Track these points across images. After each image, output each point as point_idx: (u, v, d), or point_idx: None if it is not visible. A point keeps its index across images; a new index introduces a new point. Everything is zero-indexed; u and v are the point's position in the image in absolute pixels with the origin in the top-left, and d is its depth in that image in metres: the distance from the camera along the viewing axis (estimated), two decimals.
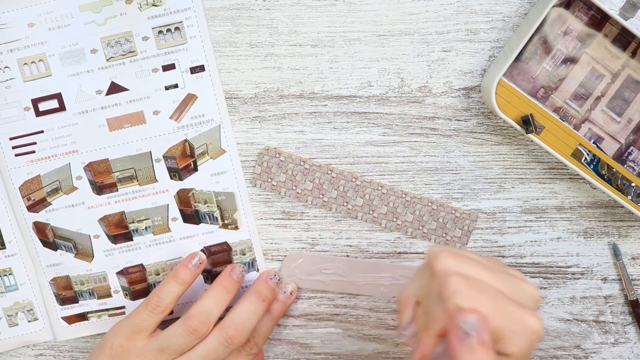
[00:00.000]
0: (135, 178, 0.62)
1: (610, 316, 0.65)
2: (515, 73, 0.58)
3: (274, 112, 0.61)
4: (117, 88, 0.60)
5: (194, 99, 0.60)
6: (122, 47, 0.59)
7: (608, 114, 0.59)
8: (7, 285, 0.63)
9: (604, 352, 0.65)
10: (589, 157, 0.59)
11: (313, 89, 0.61)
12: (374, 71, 0.60)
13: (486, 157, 0.62)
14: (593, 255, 0.64)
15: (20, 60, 0.59)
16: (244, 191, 0.62)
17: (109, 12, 0.59)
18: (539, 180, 0.62)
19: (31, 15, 0.58)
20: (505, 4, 0.59)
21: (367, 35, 0.60)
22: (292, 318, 0.65)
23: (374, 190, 0.62)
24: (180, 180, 0.62)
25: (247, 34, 0.60)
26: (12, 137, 0.61)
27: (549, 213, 0.63)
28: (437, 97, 0.61)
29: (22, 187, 0.61)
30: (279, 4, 0.59)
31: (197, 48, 0.60)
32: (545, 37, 0.57)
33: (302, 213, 0.63)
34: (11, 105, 0.60)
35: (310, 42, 0.60)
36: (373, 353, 0.65)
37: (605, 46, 0.58)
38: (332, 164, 0.62)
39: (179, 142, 0.61)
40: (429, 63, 0.60)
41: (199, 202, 0.62)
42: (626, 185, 0.59)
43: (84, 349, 0.65)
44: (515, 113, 0.58)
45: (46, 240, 0.62)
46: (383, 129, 0.61)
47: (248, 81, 0.61)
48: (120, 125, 0.61)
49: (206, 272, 0.63)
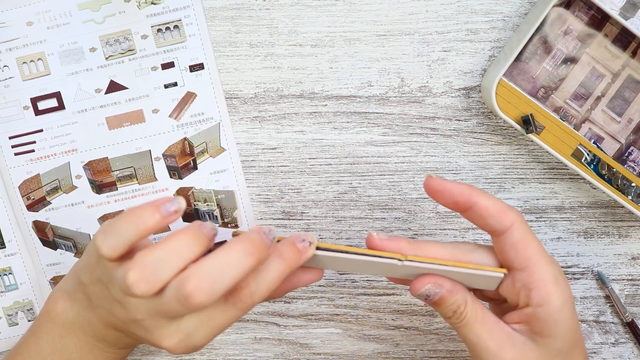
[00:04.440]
0: (134, 177, 0.62)
1: (611, 316, 0.65)
2: (516, 73, 0.58)
3: (274, 112, 0.61)
4: (116, 86, 0.60)
5: (193, 97, 0.60)
6: (121, 45, 0.59)
7: (608, 114, 0.59)
8: (7, 284, 0.63)
9: (604, 352, 0.65)
10: (589, 157, 0.58)
11: (313, 89, 0.61)
12: (374, 71, 0.60)
13: (486, 157, 0.62)
14: (593, 255, 0.64)
15: (19, 59, 0.59)
16: (244, 190, 0.62)
17: (107, 11, 0.59)
18: (539, 180, 0.62)
19: (30, 13, 0.58)
20: (506, 4, 0.59)
21: (367, 35, 0.60)
22: (292, 318, 0.65)
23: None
24: (179, 178, 0.62)
25: (247, 33, 0.60)
26: (11, 136, 0.60)
27: (549, 213, 0.63)
28: (437, 97, 0.61)
29: (22, 186, 0.61)
30: (279, 4, 0.59)
31: (196, 46, 0.60)
32: (545, 37, 0.57)
33: (302, 213, 0.63)
34: (10, 104, 0.60)
35: (310, 42, 0.60)
36: (373, 353, 0.65)
37: (605, 46, 0.58)
38: (333, 163, 0.62)
39: (178, 141, 0.61)
40: (429, 63, 0.60)
41: (199, 200, 0.62)
42: (626, 185, 0.59)
43: None
44: (516, 113, 0.58)
45: (46, 240, 0.62)
46: (383, 129, 0.61)
47: (248, 81, 0.61)
48: (119, 124, 0.60)
49: None
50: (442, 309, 0.49)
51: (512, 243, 0.48)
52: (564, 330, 0.48)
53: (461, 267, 0.48)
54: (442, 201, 0.49)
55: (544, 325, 0.48)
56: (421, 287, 0.48)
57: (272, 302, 0.64)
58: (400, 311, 0.65)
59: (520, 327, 0.49)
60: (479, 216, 0.49)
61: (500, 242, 0.49)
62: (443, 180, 0.49)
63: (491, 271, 0.48)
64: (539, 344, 0.48)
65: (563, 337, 0.48)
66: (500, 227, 0.48)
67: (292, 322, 0.65)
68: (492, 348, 0.48)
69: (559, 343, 0.48)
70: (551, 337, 0.48)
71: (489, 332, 0.49)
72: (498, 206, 0.48)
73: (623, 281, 0.64)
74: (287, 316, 0.65)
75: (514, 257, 0.48)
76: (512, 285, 0.49)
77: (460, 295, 0.49)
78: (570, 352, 0.49)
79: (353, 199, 0.63)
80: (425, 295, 0.49)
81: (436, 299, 0.49)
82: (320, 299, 0.64)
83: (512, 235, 0.48)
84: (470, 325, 0.49)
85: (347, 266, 0.51)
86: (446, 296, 0.48)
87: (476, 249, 0.50)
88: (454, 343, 0.65)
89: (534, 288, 0.48)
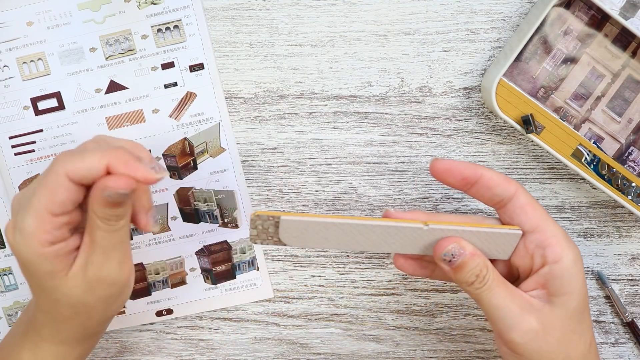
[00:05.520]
0: None
1: (611, 316, 0.65)
2: (516, 73, 0.57)
3: (274, 112, 0.61)
4: (116, 86, 0.60)
5: (193, 97, 0.60)
6: (121, 45, 0.59)
7: (608, 114, 0.59)
8: (7, 284, 0.63)
9: (604, 352, 0.65)
10: (589, 157, 0.58)
11: (313, 89, 0.61)
12: (374, 71, 0.60)
13: (486, 157, 0.62)
14: (593, 255, 0.64)
15: (19, 59, 0.59)
16: (244, 190, 0.62)
17: (107, 11, 0.59)
18: (539, 180, 0.62)
19: (30, 14, 0.58)
20: (506, 4, 0.59)
21: (367, 35, 0.60)
22: (292, 318, 0.65)
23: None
24: (179, 178, 0.62)
25: (247, 33, 0.60)
26: (11, 136, 0.60)
27: (549, 213, 0.63)
28: (437, 97, 0.61)
29: (22, 186, 0.61)
30: (279, 4, 0.59)
31: (196, 46, 0.60)
32: (545, 37, 0.57)
33: (302, 213, 0.63)
34: (10, 104, 0.60)
35: (310, 42, 0.60)
36: (373, 353, 0.65)
37: (605, 46, 0.58)
38: (333, 163, 0.62)
39: (178, 141, 0.61)
40: (429, 63, 0.60)
41: (199, 200, 0.62)
42: (626, 185, 0.59)
43: None
44: (516, 113, 0.58)
45: None
46: (383, 129, 0.61)
47: (248, 81, 0.61)
48: (119, 124, 0.60)
49: (206, 272, 0.63)
50: (464, 274, 0.50)
51: (520, 206, 0.51)
52: (578, 286, 0.50)
53: (483, 227, 0.50)
54: (451, 179, 0.52)
55: (561, 282, 0.49)
56: (446, 245, 0.50)
57: (272, 302, 0.64)
58: (400, 311, 0.65)
59: (537, 293, 0.51)
60: (486, 187, 0.51)
61: (508, 211, 0.51)
62: (448, 160, 0.52)
63: (509, 229, 0.50)
64: (557, 305, 0.50)
65: (579, 292, 0.50)
66: (507, 194, 0.51)
67: (292, 322, 0.65)
68: (517, 310, 0.49)
69: (575, 300, 0.50)
70: (568, 294, 0.50)
71: (512, 296, 0.50)
72: (501, 176, 0.51)
73: (623, 281, 0.64)
74: (287, 316, 0.65)
75: (524, 219, 0.51)
76: (525, 250, 0.51)
77: (481, 259, 0.50)
78: (583, 312, 0.51)
79: (353, 199, 0.63)
80: (450, 254, 0.50)
81: (459, 262, 0.50)
82: (320, 299, 0.64)
83: (519, 199, 0.51)
84: (493, 289, 0.50)
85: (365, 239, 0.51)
86: (469, 259, 0.50)
87: (486, 219, 0.53)
88: (454, 343, 0.65)
89: (549, 245, 0.50)
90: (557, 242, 0.50)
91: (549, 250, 0.50)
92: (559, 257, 0.50)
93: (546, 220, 0.51)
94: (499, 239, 0.51)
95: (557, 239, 0.50)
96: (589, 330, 0.52)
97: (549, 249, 0.50)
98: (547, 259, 0.50)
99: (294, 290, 0.64)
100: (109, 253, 0.49)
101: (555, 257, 0.50)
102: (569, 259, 0.50)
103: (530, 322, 0.49)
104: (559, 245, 0.50)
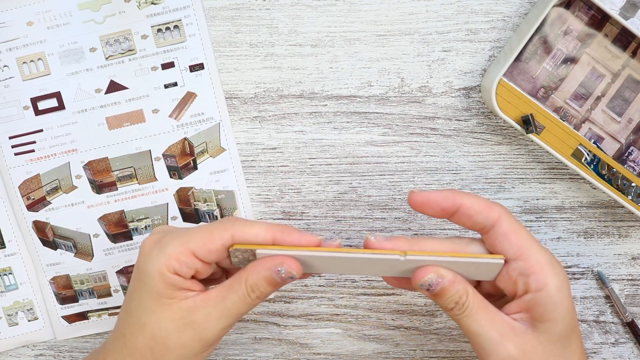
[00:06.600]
0: (134, 177, 0.62)
1: (611, 316, 0.65)
2: (516, 73, 0.58)
3: (274, 112, 0.61)
4: (116, 86, 0.60)
5: (193, 97, 0.60)
6: (121, 45, 0.59)
7: (608, 114, 0.59)
8: (7, 284, 0.63)
9: (604, 352, 0.65)
10: (589, 157, 0.58)
11: (313, 89, 0.61)
12: (374, 71, 0.60)
13: (486, 157, 0.62)
14: (593, 255, 0.64)
15: (19, 59, 0.59)
16: (244, 190, 0.62)
17: (107, 11, 0.59)
18: (539, 180, 0.62)
19: (30, 13, 0.58)
20: (506, 4, 0.59)
21: (367, 35, 0.60)
22: (292, 318, 0.65)
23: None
24: (179, 178, 0.62)
25: (247, 33, 0.60)
26: (11, 136, 0.60)
27: (549, 213, 0.63)
28: (437, 97, 0.61)
29: (22, 186, 0.61)
30: (279, 4, 0.59)
31: (196, 46, 0.60)
32: (545, 37, 0.57)
33: (302, 213, 0.63)
34: (10, 104, 0.60)
35: (310, 42, 0.60)
36: (373, 353, 0.65)
37: (605, 46, 0.58)
38: (333, 163, 0.62)
39: (178, 141, 0.61)
40: (429, 63, 0.60)
41: (199, 200, 0.62)
42: (626, 185, 0.59)
43: (84, 349, 0.65)
44: (516, 113, 0.58)
45: (46, 240, 0.62)
46: (383, 129, 0.61)
47: (248, 81, 0.61)
48: (119, 124, 0.60)
49: None
50: (444, 300, 0.50)
51: (503, 234, 0.49)
52: (563, 313, 0.49)
53: (462, 257, 0.49)
54: (430, 212, 0.50)
55: (544, 309, 0.49)
56: (424, 276, 0.49)
57: (272, 302, 0.65)
58: (400, 311, 0.65)
59: (520, 316, 0.50)
60: (467, 216, 0.50)
61: (490, 237, 0.50)
62: (425, 191, 0.50)
63: (491, 258, 0.49)
64: (540, 331, 0.49)
65: (563, 319, 0.49)
66: (488, 221, 0.49)
67: (292, 322, 0.65)
68: (495, 337, 0.49)
69: (559, 326, 0.49)
70: (551, 320, 0.49)
71: (491, 322, 0.49)
72: (482, 202, 0.50)
73: (623, 281, 0.64)
74: (287, 316, 0.65)
75: (507, 247, 0.49)
76: (508, 276, 0.50)
77: (461, 285, 0.49)
78: (569, 336, 0.50)
79: (353, 199, 0.63)
80: (427, 284, 0.49)
81: (438, 290, 0.49)
82: (320, 299, 0.64)
83: (502, 226, 0.49)
84: (472, 316, 0.49)
85: (347, 267, 0.51)
86: (448, 287, 0.49)
87: (472, 242, 0.51)
88: (454, 343, 0.65)
89: (532, 274, 0.49)
90: (540, 270, 0.49)
91: (532, 279, 0.49)
92: (542, 285, 0.48)
93: (530, 247, 0.49)
94: (482, 267, 0.50)
95: (541, 266, 0.49)
96: (575, 353, 0.51)
97: (532, 277, 0.49)
98: (530, 287, 0.49)
99: (294, 290, 0.64)
100: (224, 316, 0.50)
101: (539, 285, 0.48)
102: (553, 287, 0.48)
103: (508, 349, 0.49)
104: (542, 273, 0.49)
